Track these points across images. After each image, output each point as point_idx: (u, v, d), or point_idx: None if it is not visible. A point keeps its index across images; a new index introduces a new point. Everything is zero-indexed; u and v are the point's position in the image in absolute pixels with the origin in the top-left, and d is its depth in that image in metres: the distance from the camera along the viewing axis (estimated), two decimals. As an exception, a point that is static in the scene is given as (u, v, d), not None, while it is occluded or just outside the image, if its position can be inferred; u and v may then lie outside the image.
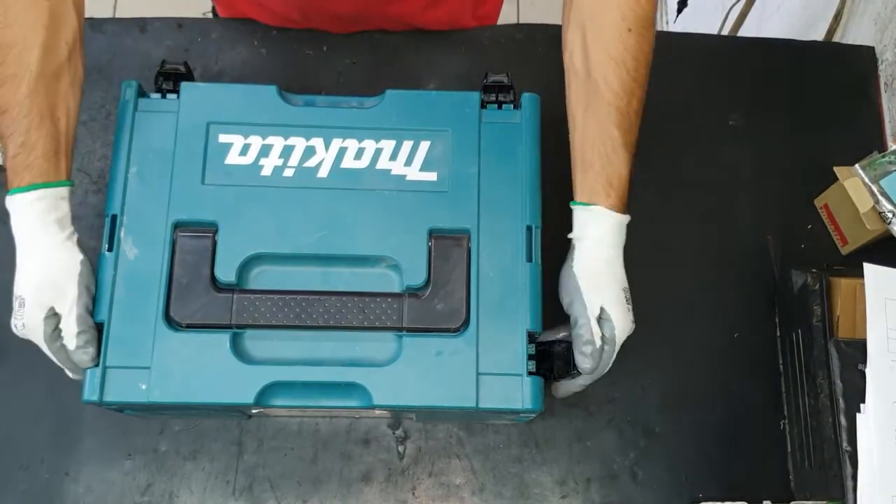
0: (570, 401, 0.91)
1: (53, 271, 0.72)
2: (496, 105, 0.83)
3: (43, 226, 0.72)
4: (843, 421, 0.81)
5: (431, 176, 0.80)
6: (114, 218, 0.77)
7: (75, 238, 0.75)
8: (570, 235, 0.78)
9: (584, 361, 0.74)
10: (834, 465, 0.81)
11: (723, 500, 0.86)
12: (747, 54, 1.10)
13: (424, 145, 0.81)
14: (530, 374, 0.75)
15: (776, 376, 0.94)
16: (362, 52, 1.04)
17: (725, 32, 1.62)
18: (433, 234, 0.78)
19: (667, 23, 2.06)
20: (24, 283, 0.72)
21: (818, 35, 1.29)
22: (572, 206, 0.78)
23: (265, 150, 0.80)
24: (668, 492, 0.90)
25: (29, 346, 0.74)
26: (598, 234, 0.76)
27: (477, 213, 0.79)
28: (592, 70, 0.75)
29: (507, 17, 1.14)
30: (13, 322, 0.72)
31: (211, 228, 0.77)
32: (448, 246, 0.78)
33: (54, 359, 0.74)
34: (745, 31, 1.58)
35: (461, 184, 0.80)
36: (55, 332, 0.72)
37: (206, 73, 1.01)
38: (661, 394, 0.93)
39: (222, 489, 0.87)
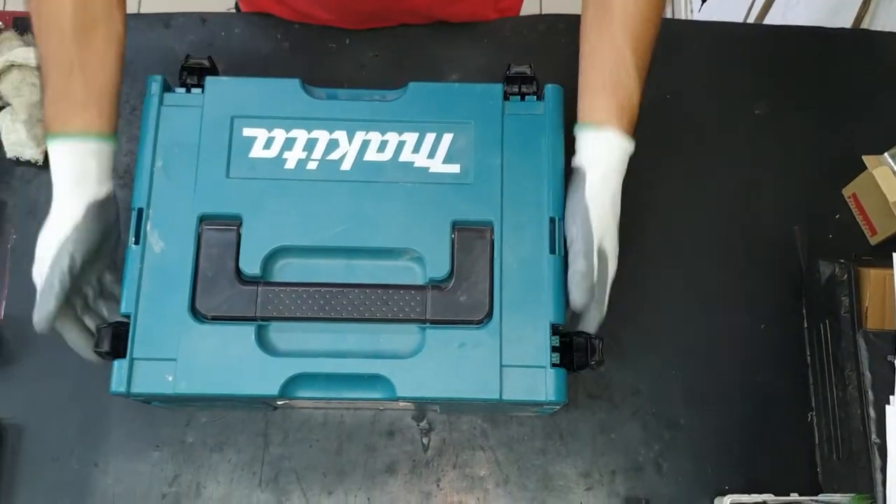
0: (594, 392, 0.91)
1: (49, 229, 0.73)
2: (519, 96, 0.83)
3: (60, 180, 0.73)
4: (871, 413, 0.80)
5: (454, 168, 0.80)
6: (140, 211, 0.78)
7: (93, 197, 0.74)
8: (575, 161, 0.77)
9: (578, 295, 0.73)
10: (862, 457, 0.80)
11: (749, 493, 0.86)
12: (773, 42, 1.08)
13: (447, 138, 0.81)
14: (554, 365, 0.75)
15: (803, 368, 0.93)
16: (384, 45, 1.04)
17: (751, 20, 1.60)
18: (456, 226, 0.78)
19: (691, 11, 2.04)
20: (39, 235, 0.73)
21: (846, 22, 1.27)
22: (577, 131, 0.77)
23: (289, 144, 0.80)
24: (693, 484, 0.89)
25: (59, 339, 0.75)
26: (609, 162, 0.75)
27: (500, 205, 0.79)
28: None
29: (529, 7, 1.14)
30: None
31: (235, 221, 0.78)
32: (471, 238, 0.78)
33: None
34: (771, 19, 1.57)
35: (484, 176, 0.80)
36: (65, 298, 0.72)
37: (229, 67, 1.01)
38: (685, 386, 0.93)
39: (248, 480, 0.88)
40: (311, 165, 0.80)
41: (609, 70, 0.74)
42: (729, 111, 1.03)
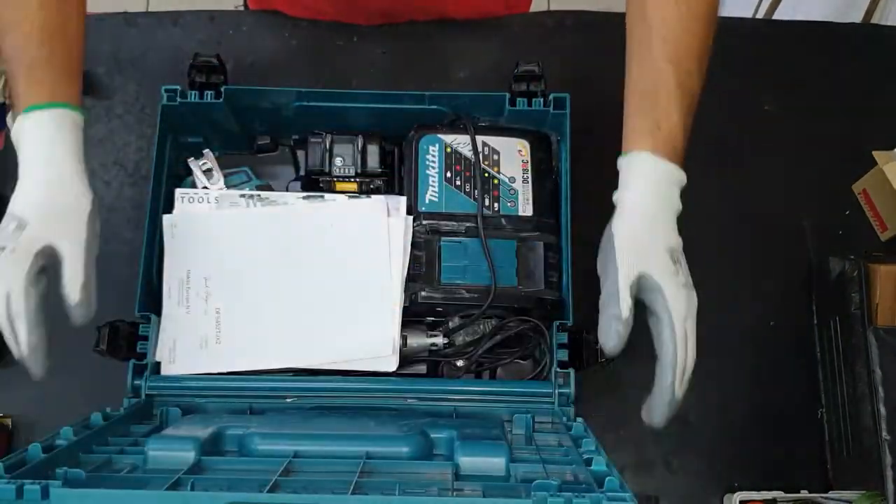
0: (604, 389, 0.91)
1: (61, 202, 0.64)
2: (526, 99, 0.83)
3: (58, 148, 0.65)
4: (882, 410, 0.79)
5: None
6: None
7: (85, 172, 0.67)
8: (614, 196, 0.67)
9: (607, 339, 0.61)
10: (873, 454, 0.80)
11: (759, 490, 0.85)
12: (783, 38, 1.08)
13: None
14: (563, 363, 0.75)
15: (813, 364, 0.92)
16: (393, 42, 1.04)
17: (760, 16, 1.60)
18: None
19: (700, 7, 2.03)
20: (24, 204, 0.63)
21: (856, 17, 1.27)
22: (619, 163, 0.67)
23: None
24: (703, 480, 0.89)
25: (68, 336, 0.75)
26: (641, 185, 0.64)
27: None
28: (648, 10, 0.67)
29: (538, 3, 1.13)
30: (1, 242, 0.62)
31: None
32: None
33: (16, 304, 0.61)
34: (781, 14, 1.56)
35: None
36: (39, 274, 0.62)
37: (238, 65, 1.02)
38: (695, 382, 0.92)
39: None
40: None
41: (646, 90, 0.66)
42: (738, 107, 1.02)
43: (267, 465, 0.59)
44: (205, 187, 0.84)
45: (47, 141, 0.65)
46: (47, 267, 0.63)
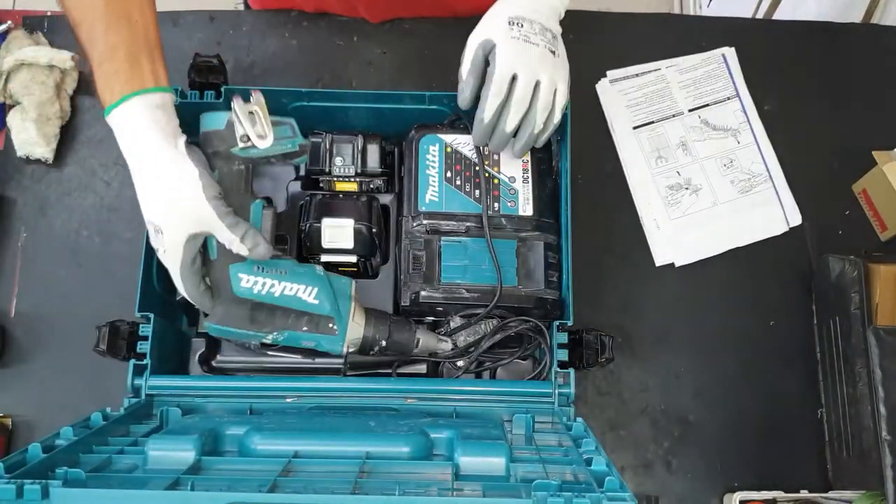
0: (604, 389, 0.91)
1: (175, 194, 0.69)
2: None
3: (145, 141, 0.69)
4: (882, 410, 0.79)
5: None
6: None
7: (182, 145, 0.70)
8: None
9: (459, 94, 0.78)
10: (873, 454, 0.80)
11: (758, 490, 0.85)
12: (782, 38, 1.08)
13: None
14: (562, 363, 0.75)
15: (813, 365, 0.92)
16: (392, 42, 1.04)
17: (760, 16, 1.60)
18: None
19: (700, 6, 2.03)
20: (152, 210, 0.70)
21: (856, 17, 1.27)
22: None
23: None
24: (703, 481, 0.89)
25: (69, 336, 0.75)
26: None
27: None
28: None
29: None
30: (154, 245, 0.71)
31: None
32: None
33: (183, 287, 0.72)
34: (780, 14, 1.56)
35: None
36: (195, 259, 0.71)
37: (238, 64, 1.02)
38: (695, 382, 0.92)
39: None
40: None
41: None
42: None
43: (267, 465, 0.59)
44: (245, 136, 0.73)
45: (130, 138, 0.69)
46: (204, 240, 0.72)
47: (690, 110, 1.02)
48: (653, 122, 1.01)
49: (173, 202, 0.69)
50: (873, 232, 0.97)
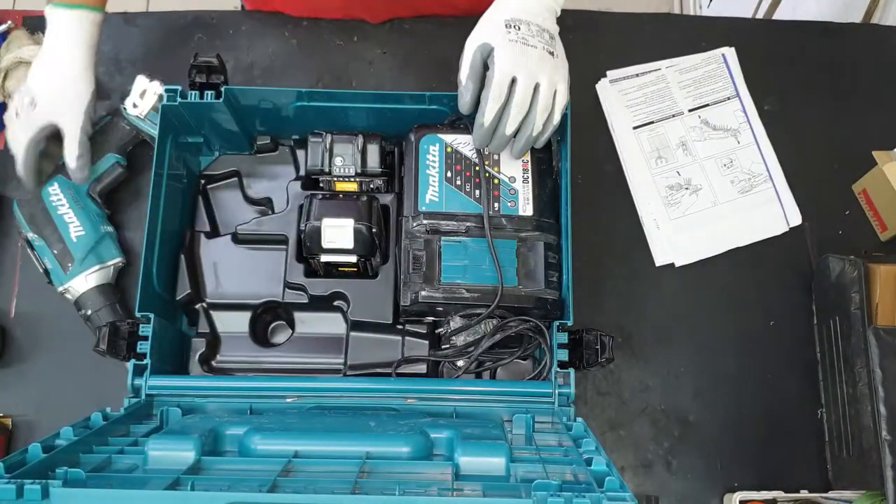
0: (604, 389, 0.91)
1: (66, 89, 0.83)
2: None
3: (71, 43, 0.83)
4: (882, 410, 0.79)
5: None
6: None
7: (93, 65, 0.85)
8: None
9: (459, 98, 0.78)
10: (873, 454, 0.80)
11: (758, 490, 0.85)
12: (782, 38, 1.08)
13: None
14: (562, 363, 0.75)
15: (813, 365, 0.92)
16: (392, 43, 1.04)
17: (760, 16, 1.60)
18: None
19: (700, 6, 2.03)
20: (38, 83, 0.83)
21: (856, 17, 1.27)
22: None
23: None
24: (703, 481, 0.89)
25: (69, 336, 0.75)
26: None
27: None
28: None
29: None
30: (11, 110, 0.84)
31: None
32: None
33: (20, 160, 0.84)
34: (781, 14, 1.56)
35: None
36: (39, 141, 0.84)
37: (237, 65, 1.02)
38: (695, 382, 0.92)
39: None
40: None
41: None
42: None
43: (267, 465, 0.59)
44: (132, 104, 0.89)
45: (62, 35, 0.83)
46: (50, 136, 0.85)
47: (690, 110, 1.02)
48: (653, 122, 1.01)
49: (60, 92, 0.83)
50: (873, 232, 0.97)
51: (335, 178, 0.86)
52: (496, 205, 0.83)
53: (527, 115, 0.77)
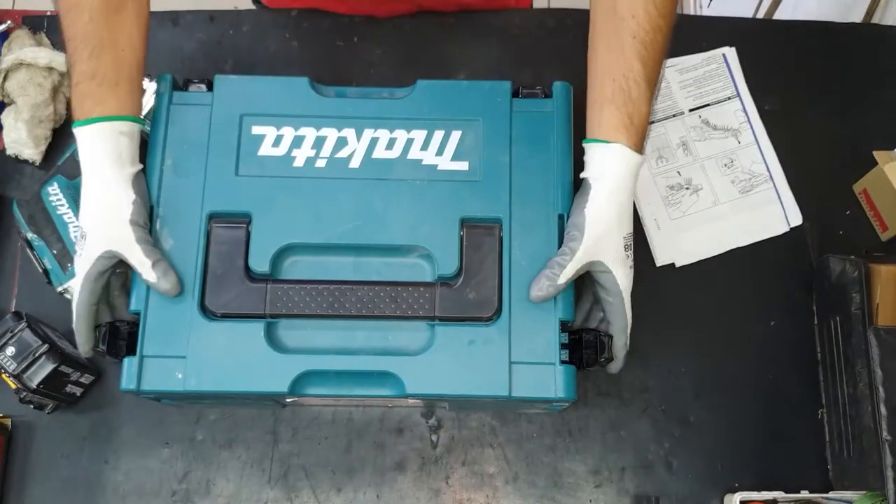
0: (604, 389, 0.91)
1: (107, 213, 0.74)
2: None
3: (99, 162, 0.74)
4: (882, 410, 0.79)
5: (463, 165, 0.80)
6: (150, 209, 0.78)
7: (132, 175, 0.76)
8: (583, 174, 0.76)
9: (537, 291, 0.74)
10: (873, 455, 0.80)
11: (759, 491, 0.85)
12: (783, 38, 1.07)
13: (456, 135, 0.81)
14: (563, 363, 0.75)
15: (814, 365, 0.92)
16: (393, 42, 1.04)
17: (760, 15, 1.60)
18: (465, 223, 0.78)
19: (700, 6, 2.04)
20: (84, 218, 0.75)
21: (857, 17, 1.27)
22: (586, 144, 0.76)
23: (297, 142, 0.80)
24: (704, 481, 0.89)
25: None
26: (617, 176, 0.74)
27: (509, 202, 0.79)
28: (619, 5, 0.73)
29: (538, 2, 1.13)
30: (76, 248, 0.76)
31: (245, 219, 0.78)
32: (480, 235, 0.78)
33: (77, 295, 0.74)
34: (781, 14, 1.56)
35: (493, 173, 0.80)
36: (102, 274, 0.74)
37: (238, 64, 1.02)
38: (695, 382, 0.92)
39: (258, 477, 0.88)
40: (320, 163, 0.80)
41: (619, 84, 0.73)
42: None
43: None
44: None
45: (88, 155, 0.75)
46: (117, 263, 0.76)
47: (691, 110, 1.02)
48: (653, 122, 1.01)
49: (101, 217, 0.74)
50: (874, 232, 0.97)
51: (335, 179, 0.86)
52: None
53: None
